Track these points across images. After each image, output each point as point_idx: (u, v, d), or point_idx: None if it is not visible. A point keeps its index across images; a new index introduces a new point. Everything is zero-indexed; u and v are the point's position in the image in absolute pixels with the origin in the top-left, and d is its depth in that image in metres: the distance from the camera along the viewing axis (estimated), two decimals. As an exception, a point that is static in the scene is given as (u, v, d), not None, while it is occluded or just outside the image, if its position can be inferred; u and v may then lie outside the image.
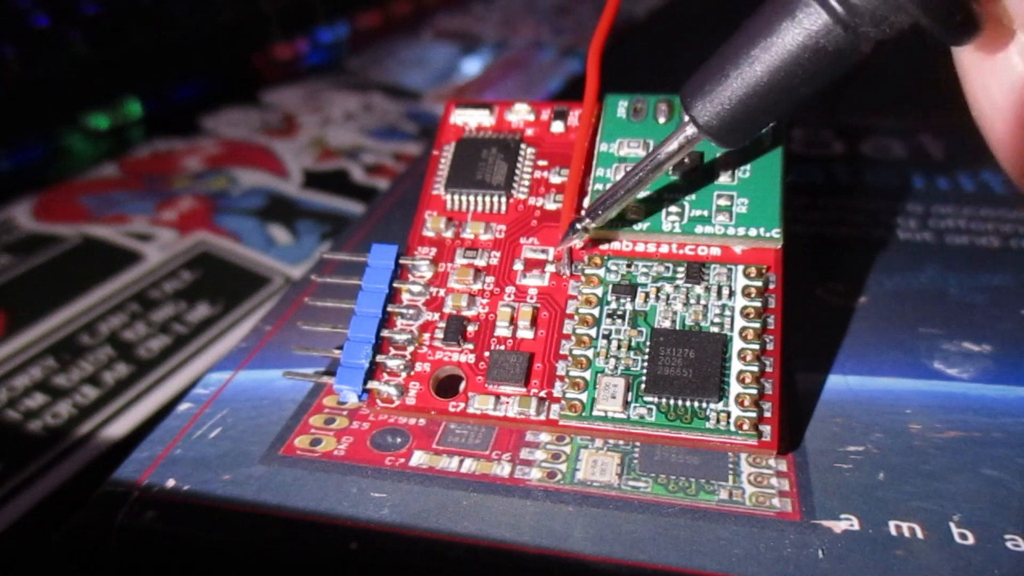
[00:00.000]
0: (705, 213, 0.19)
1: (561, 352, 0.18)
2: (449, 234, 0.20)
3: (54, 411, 0.28)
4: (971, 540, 0.15)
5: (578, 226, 0.18)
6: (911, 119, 0.32)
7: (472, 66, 0.57)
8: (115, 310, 0.33)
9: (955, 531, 0.16)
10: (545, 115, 0.22)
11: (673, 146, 0.17)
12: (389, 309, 0.19)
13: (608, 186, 0.19)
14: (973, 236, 0.24)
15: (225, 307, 0.34)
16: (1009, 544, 0.15)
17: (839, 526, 0.16)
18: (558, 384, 0.18)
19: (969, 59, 0.15)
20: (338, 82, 0.56)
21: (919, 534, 0.16)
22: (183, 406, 0.19)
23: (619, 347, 0.18)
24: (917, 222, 0.25)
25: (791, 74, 0.15)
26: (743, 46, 0.15)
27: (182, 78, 0.55)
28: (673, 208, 0.19)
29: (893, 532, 0.16)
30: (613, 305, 0.18)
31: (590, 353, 0.18)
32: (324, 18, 0.58)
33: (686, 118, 0.16)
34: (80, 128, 0.51)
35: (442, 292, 0.19)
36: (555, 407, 0.18)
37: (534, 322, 0.19)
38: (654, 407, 0.17)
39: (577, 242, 0.19)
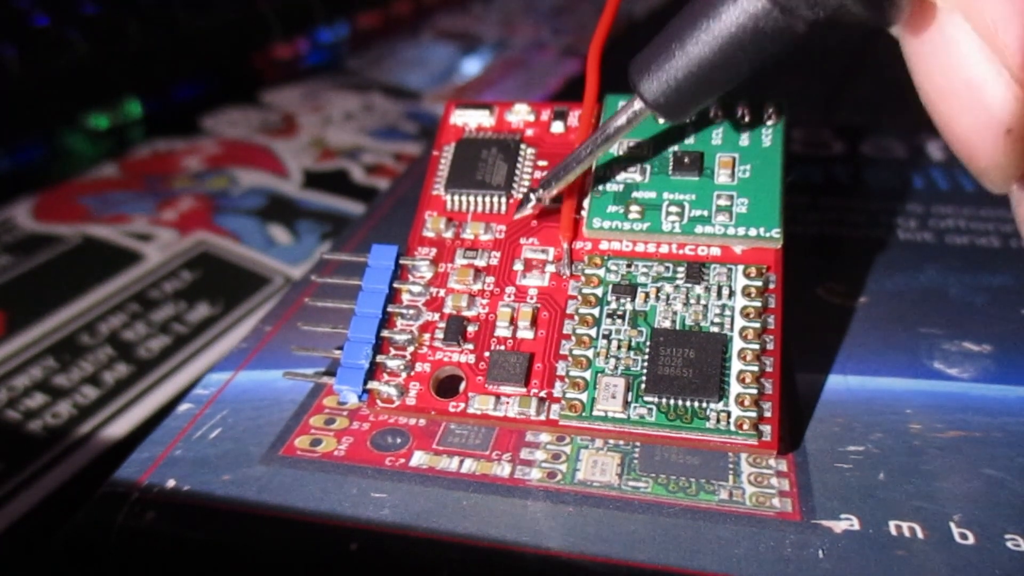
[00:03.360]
0: (705, 213, 0.19)
1: (561, 352, 0.18)
2: (449, 234, 0.20)
3: (54, 411, 0.28)
4: (971, 540, 0.15)
5: (532, 196, 0.19)
6: (911, 119, 0.32)
7: (472, 66, 0.57)
8: (115, 310, 0.33)
9: (955, 531, 0.16)
10: (545, 115, 0.22)
11: (622, 120, 0.18)
12: (389, 309, 0.19)
13: (607, 186, 0.19)
14: (973, 236, 0.24)
15: (225, 307, 0.34)
16: (1009, 544, 0.15)
17: (839, 526, 0.16)
18: (558, 384, 0.18)
19: (910, 45, 0.15)
20: (338, 82, 0.56)
21: (919, 534, 0.16)
22: (183, 407, 0.19)
23: (619, 347, 0.18)
24: (917, 222, 0.25)
25: (732, 53, 0.15)
26: (687, 26, 0.16)
27: (182, 78, 0.55)
28: (673, 208, 0.19)
29: (893, 532, 0.16)
30: (613, 305, 0.18)
31: (590, 353, 0.18)
32: (324, 18, 0.58)
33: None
34: (80, 128, 0.51)
35: (442, 292, 0.19)
36: (555, 407, 0.18)
37: (534, 322, 0.19)
38: (654, 407, 0.17)
39: (529, 211, 0.20)
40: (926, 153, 0.30)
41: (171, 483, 0.17)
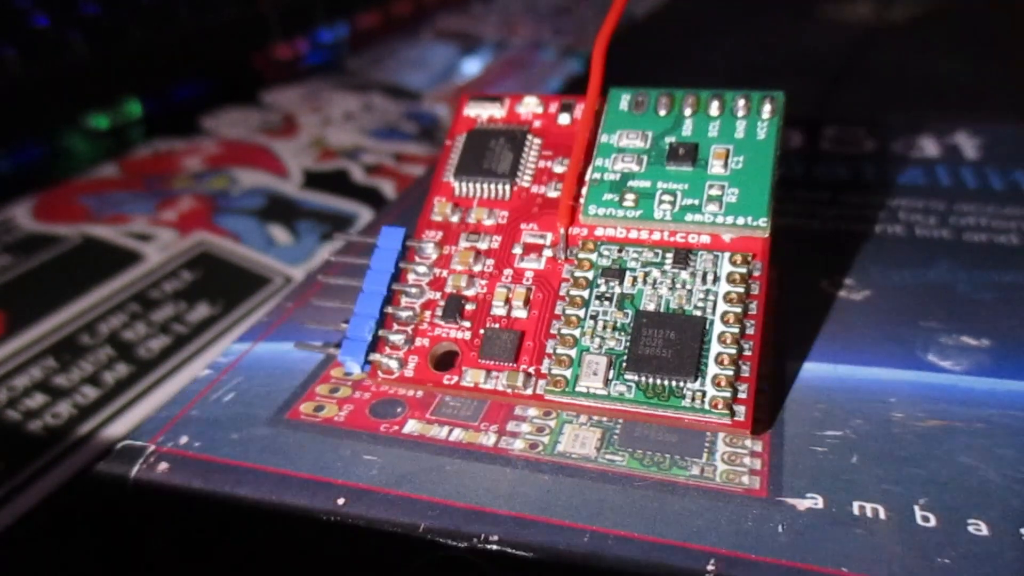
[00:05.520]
0: (696, 202, 0.20)
1: (551, 332, 0.19)
2: (455, 219, 0.22)
3: (54, 411, 0.30)
4: (933, 523, 0.16)
5: None
6: (946, 117, 0.32)
7: (472, 66, 0.60)
8: (115, 310, 0.35)
9: (918, 513, 0.17)
10: (553, 108, 0.23)
11: None
12: (394, 288, 0.20)
13: (605, 175, 0.20)
14: (993, 234, 0.26)
15: (225, 307, 0.36)
16: (971, 528, 0.16)
17: (803, 504, 0.17)
18: (546, 361, 0.19)
19: None
20: (338, 82, 0.65)
21: (881, 515, 0.17)
22: (204, 372, 0.21)
23: (604, 327, 0.19)
24: (937, 219, 0.27)
25: None
26: None
27: (182, 78, 0.61)
28: (666, 197, 0.20)
29: (856, 512, 0.17)
30: (602, 288, 0.19)
31: (577, 332, 0.19)
32: (324, 18, 0.60)
33: None
34: (80, 128, 0.55)
35: (444, 273, 0.20)
36: (541, 383, 0.19)
37: (527, 302, 0.20)
38: (634, 385, 0.18)
39: None
40: (959, 151, 0.30)
41: (184, 439, 0.19)
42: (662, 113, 0.23)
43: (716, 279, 0.21)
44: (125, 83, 0.53)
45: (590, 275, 0.21)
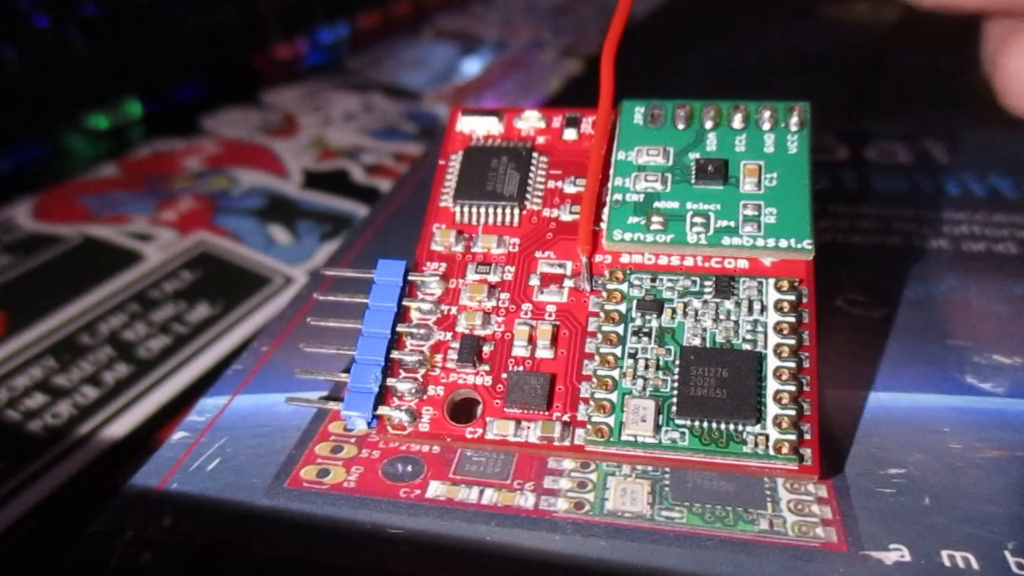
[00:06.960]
0: (732, 224, 0.18)
1: (584, 373, 0.17)
2: (459, 248, 0.19)
3: (54, 411, 0.28)
4: None
5: None
6: (913, 123, 0.32)
7: (472, 66, 0.56)
8: (115, 310, 0.33)
9: (1011, 560, 0.14)
10: (556, 122, 0.20)
11: None
12: (398, 329, 0.18)
13: (626, 195, 0.18)
14: (989, 243, 0.23)
15: (225, 307, 0.33)
16: None
17: (890, 557, 0.14)
18: (582, 407, 0.16)
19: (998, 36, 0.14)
20: (338, 82, 0.55)
21: (973, 564, 0.14)
22: (178, 435, 0.17)
23: (647, 367, 0.16)
24: (931, 228, 0.24)
25: None
26: None
27: (182, 78, 0.53)
28: (698, 219, 0.18)
29: (947, 562, 0.14)
30: (638, 322, 0.17)
31: (616, 374, 0.16)
32: (324, 18, 0.57)
33: None
34: (80, 128, 0.50)
35: (454, 310, 0.18)
36: (580, 431, 0.16)
37: (554, 341, 0.17)
38: (687, 430, 0.16)
39: None
40: (931, 157, 0.29)
41: (167, 521, 0.15)
42: (680, 127, 0.19)
43: (763, 308, 0.16)
44: (125, 83, 0.51)
45: (622, 308, 0.17)
